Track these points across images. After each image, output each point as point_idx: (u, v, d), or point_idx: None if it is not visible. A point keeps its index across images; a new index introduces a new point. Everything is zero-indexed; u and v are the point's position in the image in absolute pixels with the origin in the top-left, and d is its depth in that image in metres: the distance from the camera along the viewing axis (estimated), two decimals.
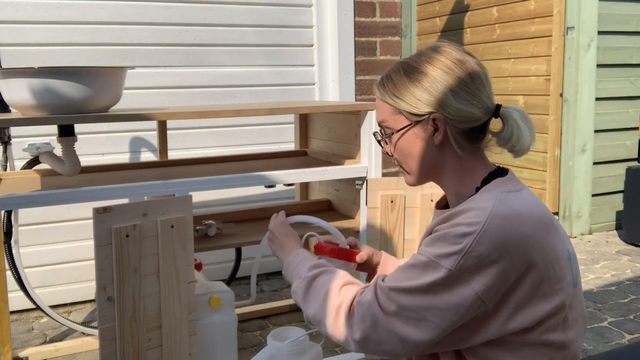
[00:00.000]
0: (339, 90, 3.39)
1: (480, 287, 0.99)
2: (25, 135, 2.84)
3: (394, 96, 1.14)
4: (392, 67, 1.19)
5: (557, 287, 1.04)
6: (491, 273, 0.99)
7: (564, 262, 1.07)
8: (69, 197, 1.83)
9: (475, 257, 0.98)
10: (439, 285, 1.00)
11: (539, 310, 1.02)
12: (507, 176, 1.13)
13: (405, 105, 1.13)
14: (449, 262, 1.00)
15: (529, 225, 1.02)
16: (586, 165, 4.18)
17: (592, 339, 2.60)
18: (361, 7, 3.40)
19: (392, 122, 1.16)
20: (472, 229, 1.00)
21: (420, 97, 1.11)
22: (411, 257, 1.09)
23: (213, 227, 2.25)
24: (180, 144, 3.16)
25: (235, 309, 2.04)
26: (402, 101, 1.13)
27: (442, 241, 1.02)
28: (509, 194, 1.07)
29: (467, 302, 1.00)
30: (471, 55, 1.15)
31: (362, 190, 2.28)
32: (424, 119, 1.12)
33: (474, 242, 0.99)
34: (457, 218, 1.04)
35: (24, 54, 2.84)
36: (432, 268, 1.01)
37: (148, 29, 3.06)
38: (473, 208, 1.04)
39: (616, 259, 3.72)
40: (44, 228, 2.94)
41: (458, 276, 0.99)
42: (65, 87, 1.77)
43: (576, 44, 4.02)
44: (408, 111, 1.13)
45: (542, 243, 1.03)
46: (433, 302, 1.00)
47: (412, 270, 1.05)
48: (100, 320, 1.71)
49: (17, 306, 2.86)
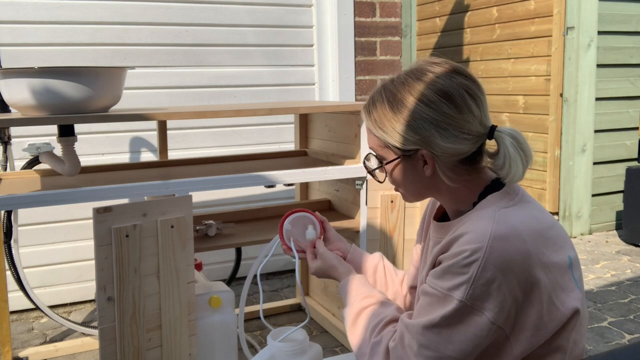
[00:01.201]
0: (339, 90, 3.39)
1: (492, 315, 0.99)
2: (25, 135, 2.84)
3: (379, 129, 1.12)
4: (377, 91, 1.14)
5: (563, 296, 1.05)
6: (499, 296, 0.99)
7: (564, 271, 1.06)
8: (69, 197, 1.83)
9: (484, 284, 0.98)
10: (453, 317, 1.00)
11: (556, 320, 1.03)
12: (503, 190, 1.10)
13: (392, 140, 1.10)
14: (459, 293, 0.99)
15: (529, 242, 1.01)
16: (586, 165, 4.18)
17: (592, 339, 2.60)
18: (361, 7, 3.40)
19: (381, 152, 1.15)
20: (475, 256, 0.98)
21: (405, 134, 1.08)
22: (422, 289, 1.08)
23: (213, 227, 2.25)
24: (180, 144, 3.16)
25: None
26: (388, 135, 1.10)
27: (448, 273, 1.02)
28: (506, 210, 1.05)
29: (484, 331, 1.00)
30: (461, 73, 1.09)
31: (362, 190, 2.28)
32: (411, 154, 1.10)
33: (479, 269, 0.98)
34: (455, 245, 1.03)
35: (24, 54, 2.84)
36: (444, 301, 1.01)
37: (148, 29, 3.06)
38: (469, 231, 1.02)
39: (616, 259, 3.72)
40: (44, 228, 2.94)
41: (470, 306, 0.99)
42: (65, 87, 1.77)
43: (576, 44, 4.02)
44: (394, 146, 1.11)
45: (542, 257, 1.02)
46: (451, 336, 1.01)
47: (428, 305, 1.05)
48: (100, 320, 1.71)
49: (17, 306, 2.86)
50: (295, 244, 1.43)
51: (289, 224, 1.45)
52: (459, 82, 1.07)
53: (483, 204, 1.08)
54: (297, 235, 1.45)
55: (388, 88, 1.12)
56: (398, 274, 1.46)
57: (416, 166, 1.11)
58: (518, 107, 4.47)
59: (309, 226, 1.46)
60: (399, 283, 1.44)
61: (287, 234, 1.45)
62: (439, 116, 1.05)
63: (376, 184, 2.19)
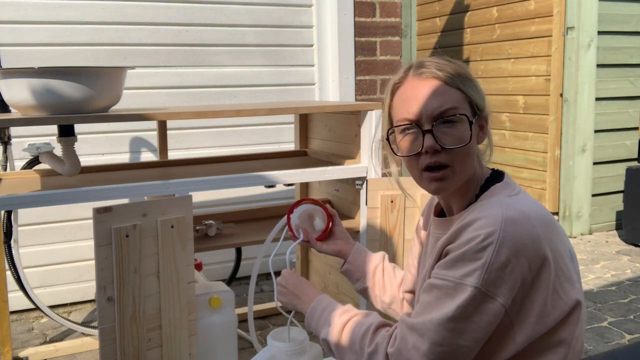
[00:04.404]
0: (339, 90, 3.39)
1: (505, 300, 0.98)
2: (25, 135, 2.84)
3: (463, 85, 1.09)
4: (440, 58, 1.13)
5: (567, 286, 1.05)
6: (511, 280, 0.98)
7: (568, 261, 1.07)
8: (69, 197, 1.83)
9: (498, 267, 0.97)
10: (468, 306, 0.98)
11: (559, 310, 1.03)
12: (504, 180, 1.12)
13: (476, 96, 1.10)
14: (474, 279, 0.97)
15: (537, 226, 1.01)
16: (586, 165, 4.18)
17: (592, 339, 2.60)
18: (361, 7, 3.40)
19: (463, 109, 1.09)
20: (490, 240, 0.97)
21: (481, 93, 1.12)
22: (427, 284, 1.05)
23: (213, 227, 2.25)
24: (180, 144, 3.16)
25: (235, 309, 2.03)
26: (472, 90, 1.10)
27: (460, 261, 1.00)
28: (512, 198, 1.06)
29: (497, 317, 0.99)
30: None
31: (362, 190, 2.28)
32: (483, 114, 1.12)
33: (494, 253, 0.97)
34: (466, 232, 1.01)
35: (24, 54, 2.84)
36: (457, 290, 0.99)
37: (148, 29, 3.06)
38: (480, 217, 1.01)
39: (616, 259, 3.72)
40: (44, 228, 2.94)
41: (484, 292, 0.97)
42: (65, 87, 1.77)
43: (576, 44, 4.02)
44: (476, 102, 1.10)
45: (550, 244, 1.02)
46: (467, 327, 0.98)
47: (436, 300, 1.01)
48: (100, 320, 1.71)
49: (17, 306, 2.86)
50: (303, 232, 1.45)
51: (297, 214, 1.47)
52: None
53: (488, 193, 1.09)
54: (305, 224, 1.46)
55: (447, 58, 1.14)
56: (397, 276, 1.44)
57: (477, 132, 1.12)
58: (518, 107, 4.47)
59: (317, 218, 1.46)
60: (397, 286, 1.42)
61: (295, 221, 1.47)
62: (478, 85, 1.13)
63: (376, 184, 2.19)
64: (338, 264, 2.59)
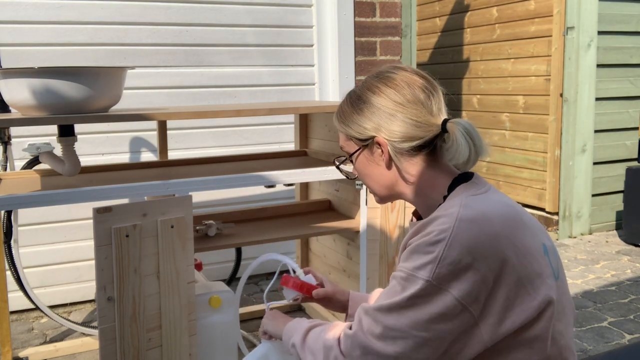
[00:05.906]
0: (339, 90, 3.39)
1: (459, 293, 1.01)
2: (25, 135, 2.84)
3: (343, 124, 1.24)
4: (344, 97, 1.27)
5: (537, 282, 1.05)
6: (468, 277, 1.01)
7: (539, 256, 1.08)
8: (69, 197, 1.83)
9: (450, 263, 1.01)
10: (419, 297, 1.02)
11: (527, 307, 1.04)
12: (471, 181, 1.16)
13: (352, 132, 1.22)
14: (425, 272, 1.02)
15: (497, 224, 1.04)
16: (586, 165, 4.18)
17: (592, 339, 2.60)
18: (361, 7, 3.40)
19: (347, 147, 1.26)
20: (442, 236, 1.02)
21: (363, 124, 1.20)
22: (391, 277, 1.11)
23: (213, 227, 2.25)
24: (180, 144, 3.16)
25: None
26: (350, 128, 1.22)
27: (415, 253, 1.05)
28: (475, 197, 1.10)
29: (449, 309, 1.01)
30: (420, 75, 1.20)
31: (362, 190, 2.28)
32: (368, 143, 1.20)
33: (445, 248, 1.01)
34: (427, 228, 1.08)
35: (24, 54, 2.84)
36: (410, 282, 1.04)
37: (148, 29, 3.06)
38: (440, 216, 1.07)
39: (616, 259, 3.72)
40: (44, 228, 2.94)
41: (436, 286, 1.01)
42: (65, 87, 1.77)
43: (576, 44, 4.02)
44: (355, 137, 1.22)
45: (513, 240, 1.05)
46: (417, 316, 1.02)
47: (392, 289, 1.08)
48: (100, 320, 1.71)
49: (17, 306, 2.86)
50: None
51: (287, 291, 1.49)
52: (409, 77, 1.19)
53: (452, 194, 1.14)
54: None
55: (353, 91, 1.25)
56: None
57: (374, 154, 1.21)
58: (518, 107, 4.47)
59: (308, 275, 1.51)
60: None
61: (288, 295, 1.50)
62: (391, 105, 1.17)
63: None
64: (338, 264, 2.59)
